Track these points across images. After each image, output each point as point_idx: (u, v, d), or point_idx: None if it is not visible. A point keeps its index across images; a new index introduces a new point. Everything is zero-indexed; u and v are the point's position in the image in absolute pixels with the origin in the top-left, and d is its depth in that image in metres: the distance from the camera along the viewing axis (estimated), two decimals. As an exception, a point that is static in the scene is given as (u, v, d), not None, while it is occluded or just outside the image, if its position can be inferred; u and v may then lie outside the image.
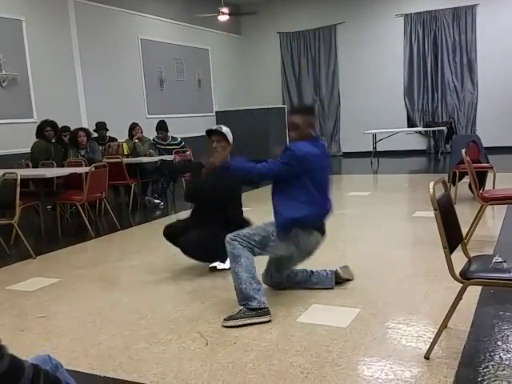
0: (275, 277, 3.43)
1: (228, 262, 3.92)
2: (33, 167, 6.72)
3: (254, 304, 2.95)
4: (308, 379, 2.28)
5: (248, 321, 2.92)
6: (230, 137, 3.83)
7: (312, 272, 3.48)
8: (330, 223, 3.37)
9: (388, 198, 7.05)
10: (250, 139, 12.05)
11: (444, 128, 11.52)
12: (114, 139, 8.01)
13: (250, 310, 2.94)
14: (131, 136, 7.89)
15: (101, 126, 7.92)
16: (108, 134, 8.03)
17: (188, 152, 8.12)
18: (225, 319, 2.95)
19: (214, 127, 3.83)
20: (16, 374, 1.13)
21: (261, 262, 3.27)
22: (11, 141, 7.62)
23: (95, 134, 7.88)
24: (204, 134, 3.92)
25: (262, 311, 2.95)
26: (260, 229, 3.21)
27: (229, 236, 3.09)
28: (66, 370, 1.20)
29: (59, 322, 3.17)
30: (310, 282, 3.45)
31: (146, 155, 7.57)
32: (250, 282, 2.99)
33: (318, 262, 4.07)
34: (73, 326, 3.09)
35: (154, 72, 10.73)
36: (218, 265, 3.98)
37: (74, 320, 3.19)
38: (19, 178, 4.75)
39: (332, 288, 3.41)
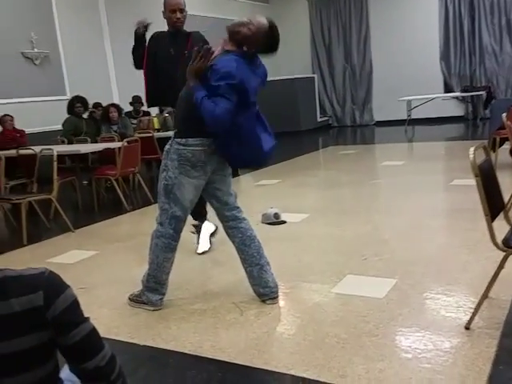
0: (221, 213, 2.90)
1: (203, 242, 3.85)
2: (68, 143, 6.83)
3: (143, 298, 2.92)
4: (344, 349, 2.27)
5: (135, 305, 2.95)
6: None
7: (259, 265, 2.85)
8: (363, 193, 3.31)
9: (424, 166, 6.89)
10: (280, 110, 11.93)
11: (483, 93, 11.11)
12: (148, 113, 8.05)
13: (140, 298, 2.95)
14: (161, 110, 7.90)
15: (136, 100, 7.96)
16: (143, 108, 8.07)
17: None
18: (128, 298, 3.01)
19: None
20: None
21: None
22: (46, 118, 7.74)
23: (130, 108, 7.92)
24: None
25: (148, 305, 2.92)
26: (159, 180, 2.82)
27: None
28: (107, 338, 1.22)
29: (99, 293, 3.24)
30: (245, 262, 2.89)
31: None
32: (148, 279, 2.89)
33: (348, 232, 4.05)
34: (112, 297, 3.15)
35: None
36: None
37: (113, 291, 3.25)
38: (55, 154, 4.83)
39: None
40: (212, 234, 3.90)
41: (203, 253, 3.81)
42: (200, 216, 3.84)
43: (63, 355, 1.17)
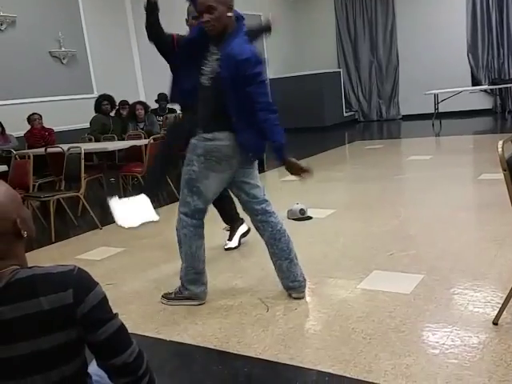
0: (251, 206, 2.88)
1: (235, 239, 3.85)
2: (95, 141, 6.94)
3: (186, 293, 2.91)
4: (371, 345, 2.26)
5: (177, 303, 2.93)
6: None
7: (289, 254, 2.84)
8: (390, 188, 3.28)
9: (452, 160, 6.78)
10: (305, 105, 11.88)
11: (511, 85, 10.87)
12: (174, 110, 8.11)
13: (181, 294, 2.94)
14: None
15: (162, 97, 8.02)
16: (169, 105, 8.13)
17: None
18: (162, 296, 3.01)
19: None
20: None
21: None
22: (74, 116, 7.88)
23: (156, 105, 8.00)
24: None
25: (192, 298, 2.92)
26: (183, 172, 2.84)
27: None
28: (134, 334, 1.24)
29: (126, 289, 3.29)
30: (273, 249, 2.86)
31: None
32: (186, 272, 2.89)
33: (374, 227, 4.01)
34: (139, 293, 3.20)
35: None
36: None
37: (140, 287, 3.30)
38: (83, 151, 4.91)
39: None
40: (243, 235, 3.90)
41: (229, 249, 3.83)
42: (232, 220, 3.85)
43: (91, 351, 1.19)
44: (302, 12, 13.32)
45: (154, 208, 3.40)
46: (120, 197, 3.31)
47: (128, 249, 4.20)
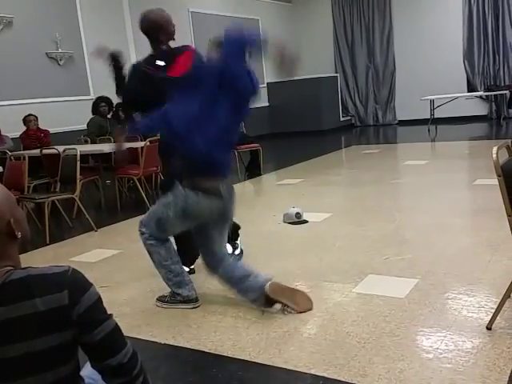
0: (207, 260, 2.84)
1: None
2: (91, 143, 6.93)
3: (178, 297, 2.90)
4: (365, 349, 2.27)
5: (171, 306, 2.92)
6: None
7: (248, 275, 2.73)
8: (386, 192, 3.28)
9: (447, 166, 6.81)
10: (302, 110, 11.92)
11: (506, 92, 10.93)
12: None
13: (175, 298, 2.92)
14: None
15: None
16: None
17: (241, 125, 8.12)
18: (157, 299, 3.00)
19: None
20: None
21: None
22: (70, 118, 7.86)
23: None
24: (256, 106, 3.67)
25: (186, 302, 2.90)
26: (158, 207, 2.81)
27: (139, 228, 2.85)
28: (129, 337, 1.23)
29: (121, 292, 3.28)
30: (239, 288, 2.77)
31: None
32: (168, 277, 2.88)
33: (370, 231, 4.02)
34: (134, 296, 3.19)
35: (205, 45, 10.70)
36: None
37: (135, 290, 3.29)
38: (79, 153, 4.90)
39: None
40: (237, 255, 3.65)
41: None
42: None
43: (86, 353, 1.18)
44: (299, 17, 13.36)
45: None
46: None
47: (123, 251, 4.19)
